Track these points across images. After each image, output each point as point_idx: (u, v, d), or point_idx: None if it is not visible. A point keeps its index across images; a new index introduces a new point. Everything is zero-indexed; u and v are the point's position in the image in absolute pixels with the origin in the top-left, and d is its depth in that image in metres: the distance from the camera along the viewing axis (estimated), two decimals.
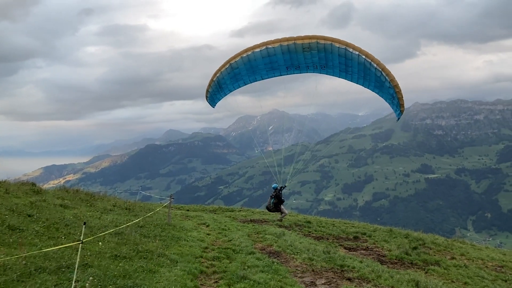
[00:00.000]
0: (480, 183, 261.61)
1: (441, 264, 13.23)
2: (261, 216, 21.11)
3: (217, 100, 19.30)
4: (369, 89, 17.00)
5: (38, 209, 11.91)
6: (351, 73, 16.52)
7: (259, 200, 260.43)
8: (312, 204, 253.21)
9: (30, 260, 7.66)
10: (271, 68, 17.69)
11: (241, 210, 24.32)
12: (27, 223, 10.23)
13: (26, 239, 8.98)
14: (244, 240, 13.35)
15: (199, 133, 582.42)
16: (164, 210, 17.26)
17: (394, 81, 15.22)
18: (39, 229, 9.94)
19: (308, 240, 15.15)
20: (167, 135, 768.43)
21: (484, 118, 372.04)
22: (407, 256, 13.90)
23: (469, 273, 12.46)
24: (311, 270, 10.56)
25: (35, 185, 16.02)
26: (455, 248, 16.39)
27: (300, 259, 11.44)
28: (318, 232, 17.68)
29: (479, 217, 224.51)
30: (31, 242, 8.87)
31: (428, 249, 15.57)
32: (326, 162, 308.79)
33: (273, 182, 21.60)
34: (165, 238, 12.00)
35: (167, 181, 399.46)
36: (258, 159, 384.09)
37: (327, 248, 13.34)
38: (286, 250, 12.47)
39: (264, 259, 10.97)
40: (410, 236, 17.59)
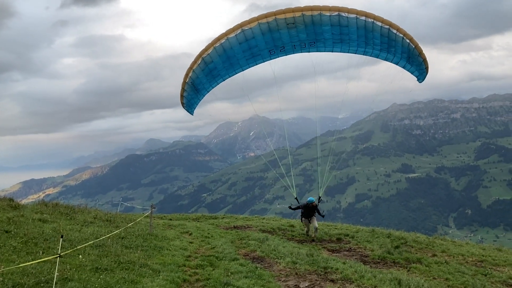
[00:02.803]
0: (460, 180, 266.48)
1: (422, 262, 13.40)
2: (245, 222, 21.09)
3: (195, 105, 16.76)
4: (372, 56, 15.33)
5: (16, 224, 11.66)
6: (349, 41, 14.62)
7: (243, 207, 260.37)
8: None
9: (7, 276, 7.50)
10: (251, 55, 15.17)
11: (224, 217, 24.25)
12: (4, 239, 10.01)
13: (3, 256, 8.79)
14: (227, 247, 13.32)
15: (180, 142, 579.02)
16: (146, 220, 17.10)
17: (413, 41, 14.07)
18: (17, 245, 9.74)
19: (291, 244, 15.19)
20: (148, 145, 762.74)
21: (461, 117, 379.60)
22: (390, 256, 14.03)
23: (450, 269, 12.64)
24: (295, 274, 10.59)
25: (13, 200, 15.68)
26: (436, 245, 16.62)
27: (284, 263, 11.46)
28: (301, 236, 17.75)
29: (460, 214, 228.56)
30: (9, 258, 8.69)
31: (410, 247, 15.75)
32: (308, 165, 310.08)
33: (305, 195, 19.87)
34: (147, 248, 11.88)
35: (149, 191, 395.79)
36: (241, 165, 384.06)
37: (310, 251, 13.40)
38: (269, 255, 12.47)
39: (247, 264, 10.95)
40: (392, 235, 17.78)
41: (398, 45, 14.29)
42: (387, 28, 13.81)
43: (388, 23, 13.66)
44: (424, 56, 14.55)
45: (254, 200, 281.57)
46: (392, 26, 13.75)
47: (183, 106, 16.34)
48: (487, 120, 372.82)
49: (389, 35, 13.99)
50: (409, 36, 13.98)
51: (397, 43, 14.21)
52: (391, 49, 14.58)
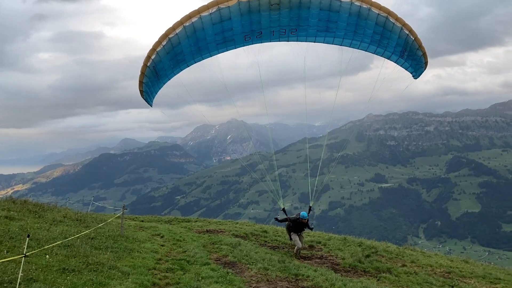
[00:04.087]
0: (431, 192, 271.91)
1: (392, 272, 13.57)
2: (218, 226, 20.97)
3: (154, 94, 14.43)
4: (359, 48, 13.97)
5: None
6: (335, 30, 13.24)
7: (217, 210, 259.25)
8: (270, 213, 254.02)
9: None
10: (223, 39, 13.37)
11: (197, 220, 24.05)
12: None
13: None
14: (199, 251, 13.20)
15: (155, 142, 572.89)
16: (117, 221, 16.81)
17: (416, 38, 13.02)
18: None
19: (264, 250, 15.17)
20: (123, 144, 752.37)
21: (434, 130, 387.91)
22: (360, 264, 14.16)
23: (419, 279, 12.84)
24: (266, 280, 10.56)
25: None
26: (406, 255, 16.86)
27: (255, 269, 11.42)
28: (274, 242, 17.74)
29: (429, 225, 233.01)
30: None
31: (380, 257, 15.93)
32: (284, 171, 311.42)
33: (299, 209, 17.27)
34: (117, 250, 11.66)
35: (122, 191, 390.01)
36: (216, 169, 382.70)
37: (282, 258, 13.42)
38: (241, 260, 12.42)
39: (219, 269, 10.88)
40: (364, 244, 17.95)
41: (394, 37, 13.07)
42: (384, 17, 12.54)
43: (387, 11, 12.43)
44: (424, 50, 13.54)
45: (228, 204, 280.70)
46: (390, 15, 12.55)
47: (142, 95, 13.86)
48: (459, 134, 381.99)
49: (385, 25, 12.72)
50: (408, 27, 12.89)
51: (393, 35, 13.00)
52: (383, 41, 13.27)
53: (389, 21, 12.64)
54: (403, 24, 12.74)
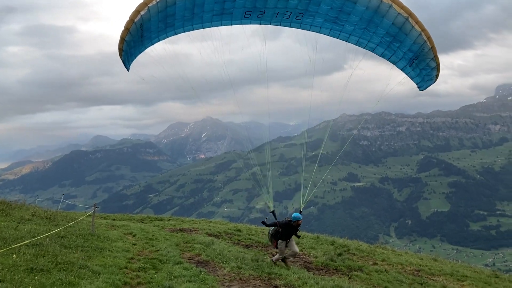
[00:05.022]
0: (402, 191, 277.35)
1: (363, 270, 13.77)
2: (191, 225, 20.84)
3: (133, 57, 12.54)
4: (366, 48, 12.86)
5: None
6: (345, 23, 12.02)
7: (190, 209, 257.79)
8: (244, 212, 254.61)
9: None
10: (222, 10, 12.10)
11: (170, 219, 23.86)
12: None
13: None
14: (172, 250, 13.09)
15: (128, 140, 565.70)
16: (88, 220, 16.51)
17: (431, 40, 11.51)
18: None
19: (237, 249, 15.16)
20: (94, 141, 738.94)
21: (406, 130, 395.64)
22: (332, 263, 14.32)
23: (389, 277, 13.07)
24: (239, 279, 10.56)
25: None
26: (377, 254, 17.14)
27: (228, 268, 11.41)
28: (247, 241, 17.75)
29: (400, 224, 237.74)
30: None
31: (352, 255, 16.15)
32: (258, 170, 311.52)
33: (291, 210, 14.44)
34: (88, 249, 11.45)
35: (93, 189, 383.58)
36: (190, 167, 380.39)
37: (255, 256, 13.44)
38: (214, 259, 12.38)
39: (191, 268, 10.81)
40: (336, 243, 18.17)
41: (408, 42, 11.76)
42: (404, 18, 11.20)
43: (408, 12, 11.14)
44: (438, 61, 12.11)
45: (202, 202, 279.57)
46: (411, 17, 11.23)
47: (121, 54, 11.73)
48: (430, 134, 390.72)
49: (402, 27, 11.42)
50: (427, 33, 11.47)
51: (408, 39, 11.70)
52: (394, 44, 12.07)
53: (408, 24, 11.30)
54: (422, 29, 11.33)
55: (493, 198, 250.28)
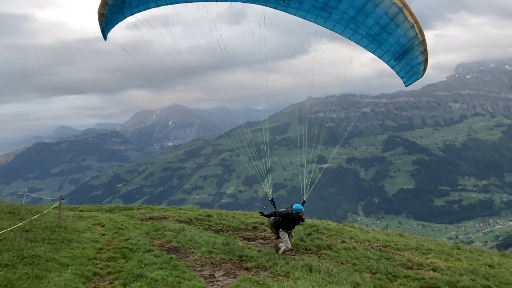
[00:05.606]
0: (368, 171, 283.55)
1: (332, 248, 14.10)
2: (161, 213, 20.73)
3: (111, 26, 11.62)
4: (351, 39, 12.02)
5: None
6: (333, 10, 11.12)
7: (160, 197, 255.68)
8: (215, 198, 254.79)
9: None
10: None
11: (140, 208, 23.62)
12: None
13: None
14: (142, 238, 13.02)
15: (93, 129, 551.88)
16: (54, 212, 16.16)
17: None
18: None
19: (208, 234, 15.22)
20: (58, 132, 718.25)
21: (371, 111, 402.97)
22: (302, 243, 14.60)
23: (357, 254, 13.45)
24: (210, 263, 10.65)
25: None
26: (345, 232, 17.57)
27: (200, 253, 11.47)
28: (218, 225, 17.82)
29: (368, 202, 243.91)
30: None
31: (321, 234, 16.49)
32: (228, 155, 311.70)
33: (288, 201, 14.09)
34: (55, 241, 11.24)
35: (59, 181, 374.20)
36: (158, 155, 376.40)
37: (226, 240, 13.54)
38: (185, 245, 12.40)
39: (162, 255, 10.81)
40: (305, 223, 18.48)
41: (397, 35, 11.01)
42: (399, 8, 10.43)
43: (403, 2, 10.39)
44: (427, 55, 11.40)
45: (172, 190, 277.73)
46: (405, 8, 10.45)
47: (100, 20, 10.76)
48: (394, 114, 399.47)
49: (395, 18, 10.65)
50: (419, 25, 10.75)
51: (398, 32, 10.94)
52: (381, 36, 11.27)
53: (402, 15, 10.49)
54: (415, 21, 10.59)
55: (455, 174, 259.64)
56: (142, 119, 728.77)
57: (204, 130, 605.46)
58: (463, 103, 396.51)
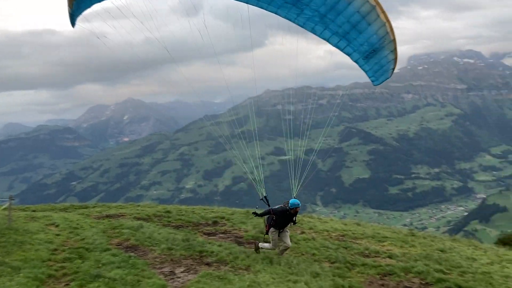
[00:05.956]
0: (326, 161, 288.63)
1: (292, 239, 14.25)
2: (118, 210, 20.25)
3: (81, 10, 10.97)
4: (320, 37, 11.55)
5: None
6: (305, 7, 10.76)
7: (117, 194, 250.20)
8: (174, 193, 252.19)
9: None
10: None
11: (96, 206, 22.97)
12: None
13: None
14: (98, 237, 12.67)
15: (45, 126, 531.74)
16: (4, 213, 15.45)
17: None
18: None
19: (167, 230, 15.01)
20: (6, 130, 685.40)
21: (327, 103, 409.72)
22: (263, 235, 14.66)
23: (316, 244, 13.68)
24: (170, 260, 10.53)
25: None
26: (305, 222, 17.82)
27: (159, 250, 11.31)
28: (177, 221, 17.61)
29: (326, 193, 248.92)
30: None
31: None
32: (186, 150, 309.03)
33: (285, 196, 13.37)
34: (5, 244, 10.76)
35: (9, 180, 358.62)
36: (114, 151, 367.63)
37: (186, 236, 13.41)
38: (144, 243, 12.19)
39: (120, 254, 10.57)
40: None
41: (368, 33, 10.73)
42: (372, 7, 10.19)
43: (376, 1, 10.15)
44: (396, 54, 11.17)
45: (129, 187, 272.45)
46: (378, 6, 10.24)
47: (71, 4, 10.14)
48: (349, 106, 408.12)
49: (367, 16, 10.38)
50: (390, 24, 10.55)
51: (369, 30, 10.66)
52: (351, 34, 11.01)
53: (374, 13, 10.26)
54: (386, 20, 10.36)
55: (409, 163, 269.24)
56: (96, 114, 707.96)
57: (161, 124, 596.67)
58: (415, 94, 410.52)
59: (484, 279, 10.57)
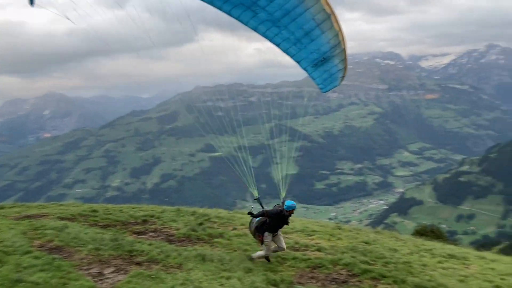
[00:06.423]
0: (256, 158, 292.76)
1: (224, 236, 14.31)
2: (40, 210, 19.10)
3: None
4: (272, 42, 11.17)
5: None
6: (260, 11, 10.35)
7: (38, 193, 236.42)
8: (99, 191, 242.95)
9: None
10: None
11: (14, 206, 21.48)
12: None
13: None
14: (18, 239, 11.88)
15: None
16: None
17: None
18: None
19: (94, 230, 14.42)
20: None
21: (257, 100, 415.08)
22: (194, 233, 14.57)
23: (248, 240, 13.82)
24: (98, 261, 10.14)
25: None
26: (236, 219, 17.93)
27: (86, 251, 10.84)
28: (105, 220, 16.95)
29: None
30: None
31: (213, 223, 16.62)
32: (112, 146, 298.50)
33: (283, 198, 12.96)
34: None
35: None
36: (34, 148, 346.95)
37: (114, 236, 12.97)
38: (69, 244, 11.62)
39: (43, 257, 9.99)
40: (197, 213, 18.46)
41: (320, 41, 10.56)
42: (327, 15, 10.00)
43: (331, 10, 9.94)
44: (346, 63, 11.16)
45: (50, 185, 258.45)
46: (333, 15, 10.02)
47: None
48: (278, 103, 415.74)
49: (322, 24, 10.20)
50: (343, 33, 10.40)
51: (322, 39, 10.50)
52: (303, 41, 10.77)
53: (329, 22, 10.09)
54: (339, 29, 10.25)
55: (334, 159, 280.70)
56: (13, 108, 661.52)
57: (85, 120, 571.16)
58: (340, 93, 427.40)
59: (405, 268, 11.30)
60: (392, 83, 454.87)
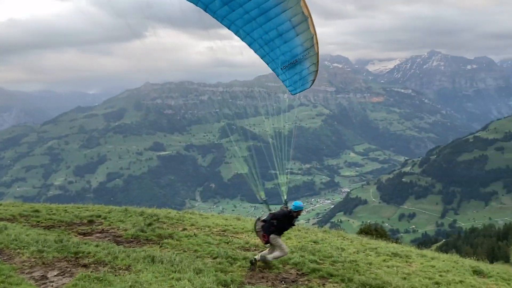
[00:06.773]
0: (206, 157, 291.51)
1: (174, 237, 14.13)
2: None
3: None
4: (244, 41, 11.13)
5: None
6: (237, 7, 10.21)
7: None
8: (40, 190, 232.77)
9: None
10: None
11: None
12: None
13: None
14: None
15: None
16: None
17: None
18: None
19: (37, 231, 13.82)
20: None
21: (208, 99, 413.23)
22: (143, 233, 14.28)
23: (198, 241, 13.73)
24: (42, 263, 9.73)
25: None
26: (186, 219, 17.74)
27: (28, 253, 10.36)
28: (48, 221, 16.27)
29: (205, 188, 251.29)
30: None
31: (162, 223, 16.37)
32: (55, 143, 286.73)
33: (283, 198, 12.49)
34: None
35: None
36: None
37: (59, 237, 12.49)
38: (9, 246, 11.06)
39: None
40: (145, 213, 18.11)
41: (293, 44, 10.57)
42: (305, 18, 9.99)
43: (308, 13, 9.89)
44: (318, 67, 11.28)
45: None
46: (310, 18, 10.04)
47: None
48: (229, 103, 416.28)
49: (298, 26, 10.19)
50: (316, 38, 10.47)
51: (295, 41, 10.49)
52: (275, 42, 10.73)
53: (305, 25, 10.08)
54: (314, 33, 10.24)
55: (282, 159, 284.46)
56: None
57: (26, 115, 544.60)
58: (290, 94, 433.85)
59: (351, 267, 11.66)
60: (340, 85, 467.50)
